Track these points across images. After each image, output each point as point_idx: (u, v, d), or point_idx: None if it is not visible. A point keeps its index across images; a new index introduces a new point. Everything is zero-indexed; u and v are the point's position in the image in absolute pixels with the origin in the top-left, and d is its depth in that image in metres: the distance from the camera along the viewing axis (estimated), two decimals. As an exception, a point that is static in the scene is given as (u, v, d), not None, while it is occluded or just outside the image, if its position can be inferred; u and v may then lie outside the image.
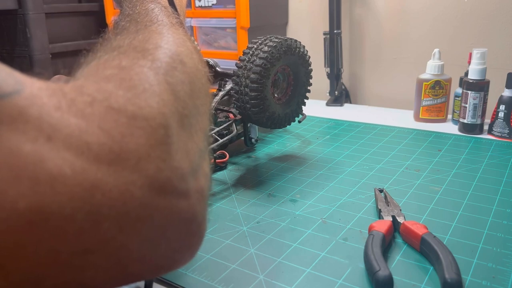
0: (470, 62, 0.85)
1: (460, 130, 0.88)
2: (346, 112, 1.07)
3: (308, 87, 0.75)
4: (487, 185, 0.64)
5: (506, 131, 0.83)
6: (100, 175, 0.21)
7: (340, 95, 1.14)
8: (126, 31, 0.34)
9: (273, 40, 0.66)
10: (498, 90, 0.87)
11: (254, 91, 0.64)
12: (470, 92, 0.85)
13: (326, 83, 1.17)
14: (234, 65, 0.68)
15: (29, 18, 1.22)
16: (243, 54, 0.66)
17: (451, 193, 0.62)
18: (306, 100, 0.75)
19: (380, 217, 0.55)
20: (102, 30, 0.38)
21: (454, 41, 1.05)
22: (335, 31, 1.11)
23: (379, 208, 0.56)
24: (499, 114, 0.84)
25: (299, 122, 0.80)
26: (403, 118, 0.99)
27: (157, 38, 0.32)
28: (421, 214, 0.56)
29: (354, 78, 1.23)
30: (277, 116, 0.69)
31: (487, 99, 0.85)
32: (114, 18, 0.41)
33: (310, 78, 0.74)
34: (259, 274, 0.46)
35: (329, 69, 1.15)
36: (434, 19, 1.07)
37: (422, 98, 0.94)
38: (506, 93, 0.83)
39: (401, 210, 0.55)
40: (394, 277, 0.43)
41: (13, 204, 0.19)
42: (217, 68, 0.79)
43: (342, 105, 1.14)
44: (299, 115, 0.76)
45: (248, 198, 0.63)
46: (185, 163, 0.26)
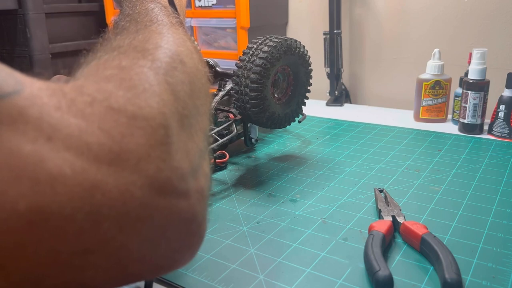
0: (470, 62, 0.85)
1: (460, 130, 0.88)
2: (346, 112, 1.07)
3: (308, 87, 0.75)
4: (487, 185, 0.64)
5: (506, 131, 0.83)
6: (100, 175, 0.21)
7: (340, 95, 1.14)
8: (126, 31, 0.34)
9: (273, 40, 0.66)
10: (498, 90, 0.87)
11: (254, 91, 0.64)
12: (470, 92, 0.85)
13: (326, 83, 1.17)
14: (234, 65, 0.68)
15: (29, 18, 1.22)
16: (243, 54, 0.66)
17: (451, 193, 0.62)
18: (306, 100, 0.75)
19: (380, 217, 0.55)
20: (102, 30, 0.38)
21: (454, 41, 1.05)
22: (335, 31, 1.11)
23: (379, 208, 0.56)
24: (499, 114, 0.84)
25: (299, 122, 0.80)
26: (403, 118, 0.99)
27: (157, 38, 0.32)
28: (421, 214, 0.56)
29: (354, 78, 1.23)
30: (277, 116, 0.69)
31: (487, 99, 0.85)
32: (114, 18, 0.41)
33: (310, 78, 0.74)
34: (259, 274, 0.46)
35: (329, 69, 1.15)
36: (434, 19, 1.07)
37: (422, 98, 0.94)
38: (506, 93, 0.83)
39: (401, 210, 0.55)
40: (394, 277, 0.43)
41: (13, 204, 0.19)
42: (217, 68, 0.79)
43: (342, 105, 1.14)
44: (299, 115, 0.76)
45: (248, 198, 0.63)
46: (185, 163, 0.26)
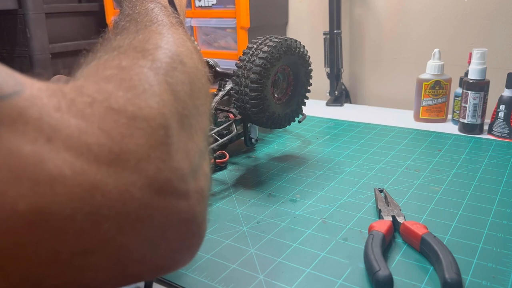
0: (470, 62, 0.85)
1: (460, 130, 0.88)
2: (346, 112, 1.07)
3: (308, 87, 0.75)
4: (487, 185, 0.64)
5: (506, 131, 0.83)
6: (100, 176, 0.21)
7: (340, 95, 1.14)
8: (126, 31, 0.34)
9: (273, 40, 0.66)
10: (498, 90, 0.87)
11: (254, 91, 0.64)
12: (470, 92, 0.85)
13: (326, 83, 1.17)
14: (234, 65, 0.68)
15: (29, 18, 1.22)
16: (243, 54, 0.66)
17: (451, 193, 0.62)
18: (306, 100, 0.75)
19: (380, 217, 0.55)
20: (102, 30, 0.38)
21: (454, 41, 1.05)
22: (335, 31, 1.11)
23: (379, 208, 0.56)
24: (499, 114, 0.84)
25: (299, 122, 0.80)
26: (403, 118, 0.99)
27: (157, 38, 0.32)
28: (421, 214, 0.56)
29: (354, 78, 1.23)
30: (277, 116, 0.69)
31: (487, 99, 0.85)
32: (114, 18, 0.41)
33: (310, 78, 0.74)
34: (259, 274, 0.46)
35: (329, 69, 1.14)
36: (434, 19, 1.07)
37: (422, 98, 0.94)
38: (506, 93, 0.83)
39: (401, 210, 0.55)
40: (394, 277, 0.43)
41: (13, 205, 0.19)
42: (217, 68, 0.79)
43: (342, 105, 1.14)
44: (299, 115, 0.76)
45: (248, 198, 0.63)
46: (185, 164, 0.26)
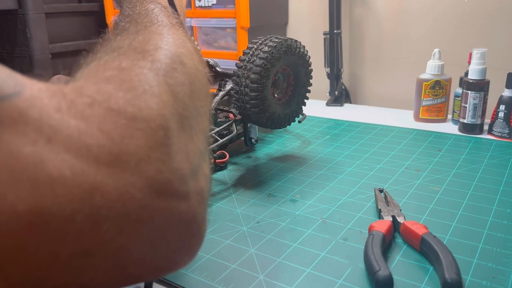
0: (470, 62, 0.85)
1: (460, 130, 0.88)
2: (346, 112, 1.07)
3: (308, 87, 0.75)
4: (487, 185, 0.64)
5: (506, 131, 0.83)
6: (99, 177, 0.21)
7: (340, 95, 1.14)
8: (126, 32, 0.34)
9: (273, 40, 0.66)
10: (498, 90, 0.87)
11: (254, 91, 0.64)
12: (470, 92, 0.85)
13: (326, 83, 1.17)
14: (234, 65, 0.68)
15: (29, 18, 1.22)
16: (243, 54, 0.66)
17: (451, 193, 0.62)
18: (306, 100, 0.75)
19: (380, 217, 0.55)
20: (102, 30, 0.38)
21: (454, 41, 1.05)
22: (335, 31, 1.11)
23: (379, 208, 0.56)
24: (499, 114, 0.84)
25: (299, 122, 0.80)
26: (403, 118, 0.99)
27: (157, 39, 0.32)
28: (421, 214, 0.56)
29: (354, 78, 1.23)
30: (277, 116, 0.69)
31: (487, 99, 0.85)
32: (114, 18, 0.41)
33: (310, 78, 0.74)
34: (259, 274, 0.46)
35: (329, 69, 1.14)
36: (434, 19, 1.07)
37: (422, 98, 0.94)
38: (506, 93, 0.83)
39: (401, 210, 0.55)
40: (394, 277, 0.43)
41: (13, 206, 0.19)
42: (217, 68, 0.79)
43: (342, 105, 1.14)
44: (299, 115, 0.76)
45: (248, 198, 0.63)
46: (185, 165, 0.26)
